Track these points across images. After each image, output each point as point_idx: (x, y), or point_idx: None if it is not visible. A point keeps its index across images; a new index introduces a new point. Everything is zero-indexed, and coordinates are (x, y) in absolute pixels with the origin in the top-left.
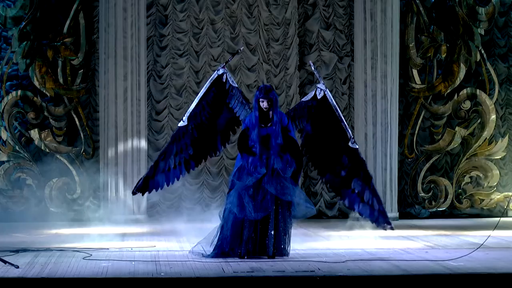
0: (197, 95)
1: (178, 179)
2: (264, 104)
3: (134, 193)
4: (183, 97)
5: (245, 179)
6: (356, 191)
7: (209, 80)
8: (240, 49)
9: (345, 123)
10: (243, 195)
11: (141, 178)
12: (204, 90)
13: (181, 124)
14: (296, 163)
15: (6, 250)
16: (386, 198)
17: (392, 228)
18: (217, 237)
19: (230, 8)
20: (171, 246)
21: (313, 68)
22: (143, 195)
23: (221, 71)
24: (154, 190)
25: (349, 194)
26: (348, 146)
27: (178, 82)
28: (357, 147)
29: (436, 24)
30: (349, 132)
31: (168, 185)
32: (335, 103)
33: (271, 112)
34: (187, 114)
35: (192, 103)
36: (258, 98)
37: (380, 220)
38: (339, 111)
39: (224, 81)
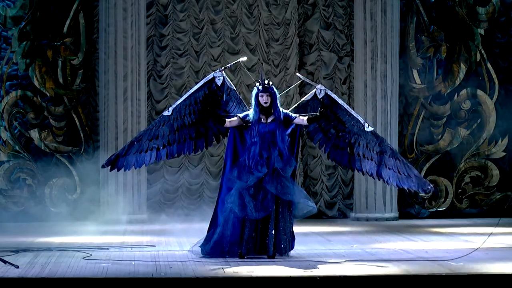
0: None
1: (146, 165)
2: (263, 99)
3: (103, 166)
4: None
5: (245, 179)
6: (391, 168)
7: (204, 79)
8: (242, 59)
9: (354, 112)
10: (244, 194)
11: (114, 154)
12: (196, 88)
13: (165, 113)
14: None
15: (6, 250)
16: (386, 198)
17: (433, 188)
18: (217, 236)
19: (230, 8)
20: (171, 246)
21: (302, 78)
22: (111, 170)
23: (218, 74)
24: (122, 169)
25: (389, 174)
26: (365, 131)
27: (178, 82)
28: (373, 128)
29: (436, 24)
30: (360, 118)
31: (136, 167)
32: (337, 97)
33: (271, 109)
34: (174, 105)
35: (182, 96)
36: (258, 93)
37: (420, 184)
38: (344, 103)
39: (220, 84)
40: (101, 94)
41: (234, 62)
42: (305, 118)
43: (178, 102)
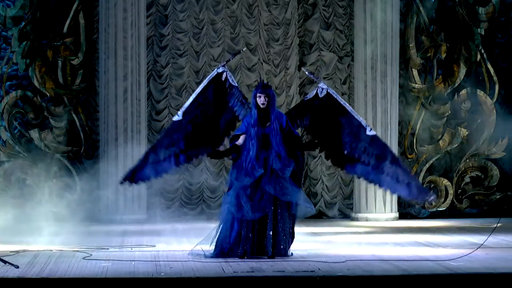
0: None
1: (166, 173)
2: (261, 100)
3: (121, 182)
4: (183, 97)
5: (243, 179)
6: (390, 175)
7: (208, 77)
8: (242, 49)
9: (356, 113)
10: (240, 195)
11: (130, 169)
12: (202, 87)
13: (175, 118)
14: (296, 164)
15: (6, 250)
16: (386, 198)
17: (436, 198)
18: (217, 237)
19: (230, 8)
20: (171, 246)
21: (307, 73)
22: (130, 185)
23: (221, 69)
24: (141, 181)
25: (384, 179)
26: (367, 135)
27: (178, 82)
28: (375, 133)
29: (436, 24)
30: (363, 121)
31: (156, 177)
32: (340, 98)
33: (269, 111)
34: (183, 109)
35: (189, 98)
36: (256, 93)
37: (421, 195)
38: (347, 104)
39: (224, 79)
40: (101, 94)
41: (235, 53)
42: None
43: (187, 104)
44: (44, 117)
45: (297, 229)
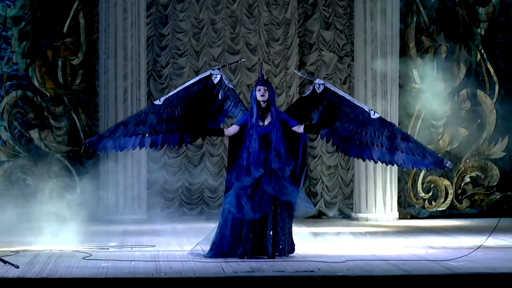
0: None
1: (127, 149)
2: (261, 92)
3: (84, 144)
4: None
5: (243, 179)
6: (404, 151)
7: (200, 75)
8: (241, 60)
9: (357, 101)
10: (241, 195)
11: (97, 134)
12: (191, 82)
13: (156, 102)
14: (296, 163)
15: (6, 250)
16: (386, 198)
17: (451, 165)
18: (217, 237)
19: (230, 8)
20: (171, 246)
21: (300, 74)
22: (91, 149)
23: (216, 71)
24: (103, 150)
25: (400, 157)
26: (372, 119)
27: (178, 82)
28: (380, 115)
29: (436, 24)
30: (365, 107)
31: (116, 150)
32: (338, 89)
33: (269, 106)
34: (166, 96)
35: (175, 89)
36: (256, 87)
37: (438, 163)
38: (346, 94)
39: (217, 82)
40: (101, 94)
41: (233, 62)
42: (302, 126)
43: (171, 93)
44: (44, 117)
45: (298, 229)
